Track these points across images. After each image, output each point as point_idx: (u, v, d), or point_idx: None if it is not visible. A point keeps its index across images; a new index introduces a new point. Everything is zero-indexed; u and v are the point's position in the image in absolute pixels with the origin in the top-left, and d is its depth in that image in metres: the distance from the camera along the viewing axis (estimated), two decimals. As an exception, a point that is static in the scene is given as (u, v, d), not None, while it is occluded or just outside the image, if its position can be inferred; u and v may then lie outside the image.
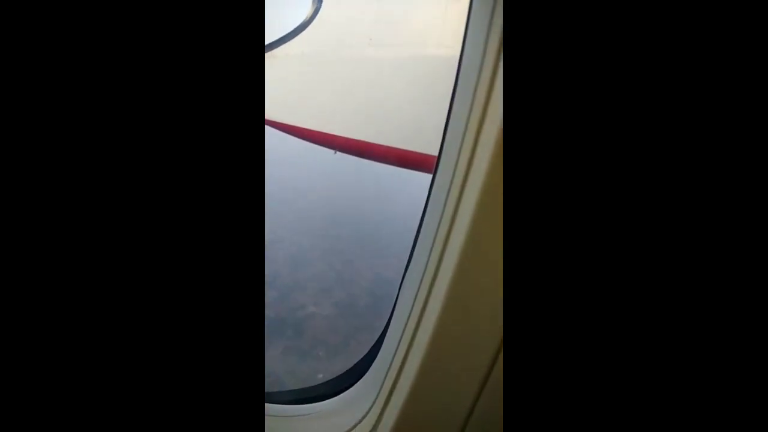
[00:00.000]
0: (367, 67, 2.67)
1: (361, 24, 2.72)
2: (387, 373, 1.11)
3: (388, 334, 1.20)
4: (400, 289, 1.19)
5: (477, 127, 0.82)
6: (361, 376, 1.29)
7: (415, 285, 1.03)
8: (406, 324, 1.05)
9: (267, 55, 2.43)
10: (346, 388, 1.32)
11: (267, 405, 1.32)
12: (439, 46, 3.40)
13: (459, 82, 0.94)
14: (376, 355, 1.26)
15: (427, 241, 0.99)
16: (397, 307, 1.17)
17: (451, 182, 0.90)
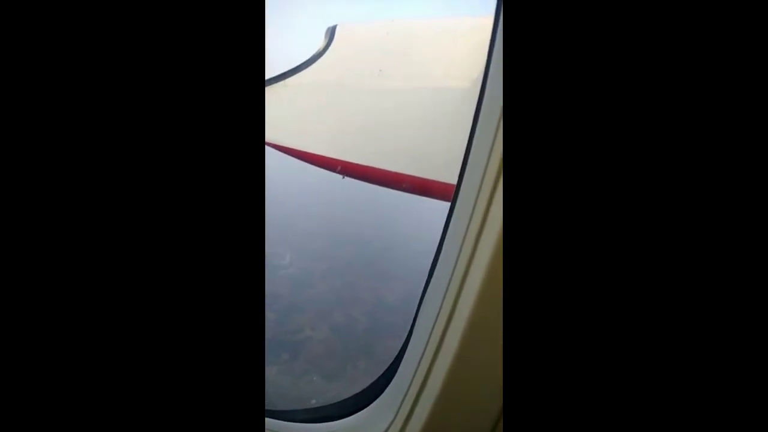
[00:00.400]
0: (377, 97, 2.75)
1: (371, 56, 2.83)
2: (405, 394, 1.09)
3: (405, 357, 1.18)
4: (418, 311, 1.18)
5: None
6: (376, 398, 1.26)
7: (435, 306, 1.02)
8: (426, 346, 1.04)
9: (281, 83, 2.52)
10: (362, 408, 1.29)
11: (280, 423, 1.31)
12: (447, 78, 3.52)
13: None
14: (391, 375, 1.23)
15: (450, 259, 0.99)
16: (415, 329, 1.16)
17: (474, 205, 0.90)
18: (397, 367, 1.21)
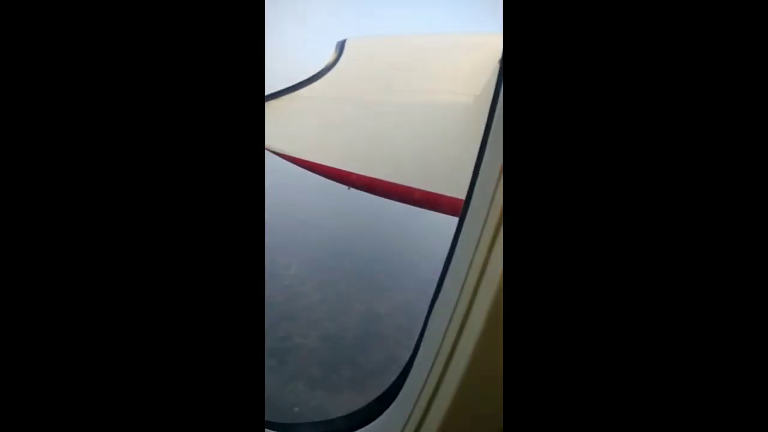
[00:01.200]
0: (384, 110, 2.81)
1: (379, 70, 2.89)
2: (414, 405, 1.06)
3: (413, 368, 1.14)
4: (426, 321, 1.15)
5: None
6: (384, 410, 1.23)
7: (445, 319, 0.99)
8: (435, 358, 1.00)
9: (290, 95, 2.56)
10: (370, 420, 1.25)
11: None
12: (452, 93, 3.58)
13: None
14: (397, 390, 1.20)
15: (461, 269, 0.96)
16: (425, 339, 1.13)
17: (487, 215, 0.89)
18: (405, 378, 1.18)
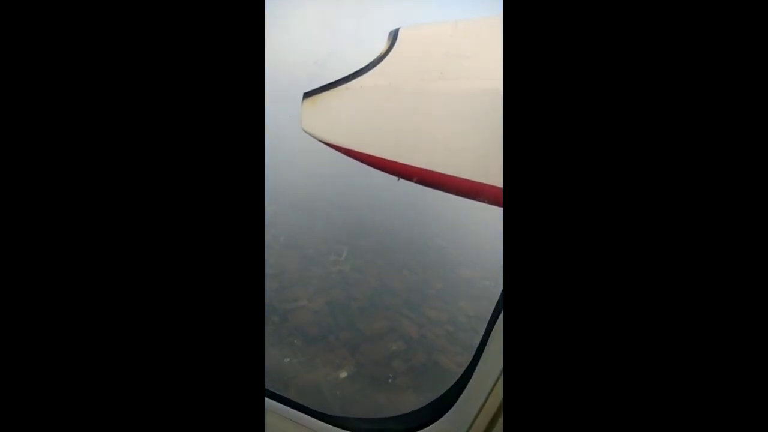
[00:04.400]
0: (435, 99, 2.82)
1: (433, 59, 2.90)
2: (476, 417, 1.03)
3: (476, 373, 1.10)
4: (489, 327, 1.09)
5: None
6: (442, 414, 1.20)
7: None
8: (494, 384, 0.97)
9: (343, 86, 2.59)
10: (427, 424, 1.23)
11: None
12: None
13: None
14: (457, 394, 1.17)
15: None
16: (488, 346, 1.08)
17: None
18: (466, 383, 1.14)
